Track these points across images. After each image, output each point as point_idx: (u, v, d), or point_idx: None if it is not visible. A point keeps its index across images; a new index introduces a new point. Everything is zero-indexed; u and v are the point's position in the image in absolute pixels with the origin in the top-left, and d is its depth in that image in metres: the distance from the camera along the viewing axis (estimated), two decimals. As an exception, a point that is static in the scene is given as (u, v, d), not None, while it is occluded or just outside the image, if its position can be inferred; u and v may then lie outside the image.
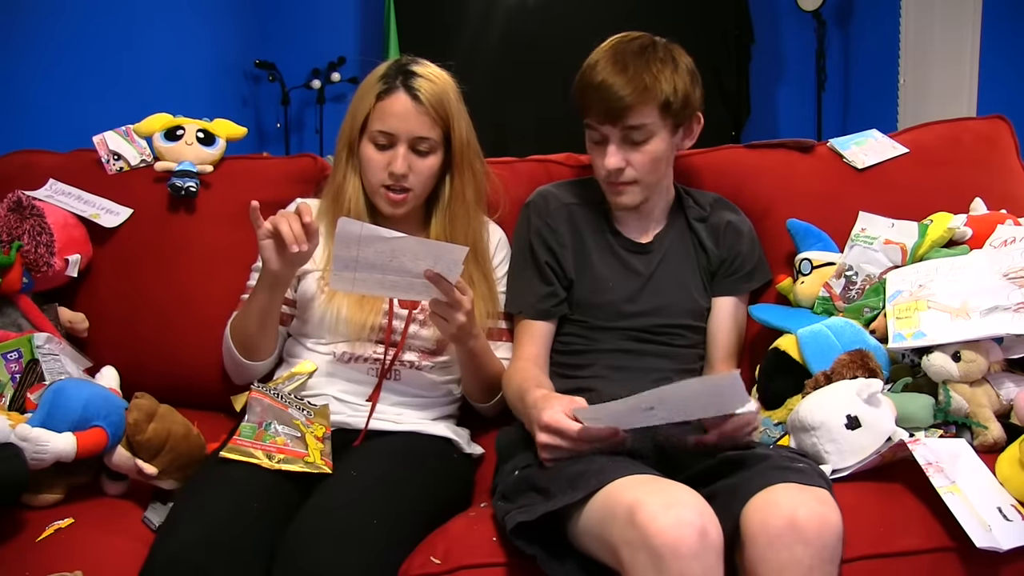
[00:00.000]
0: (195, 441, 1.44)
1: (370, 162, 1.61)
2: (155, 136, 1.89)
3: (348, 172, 1.65)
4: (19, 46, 2.52)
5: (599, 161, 1.58)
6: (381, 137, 1.59)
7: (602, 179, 1.61)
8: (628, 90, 1.49)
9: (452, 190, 1.67)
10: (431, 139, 1.60)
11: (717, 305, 1.70)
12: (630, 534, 1.10)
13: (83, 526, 1.31)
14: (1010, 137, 1.88)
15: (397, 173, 1.58)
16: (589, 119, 1.56)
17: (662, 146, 1.56)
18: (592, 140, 1.59)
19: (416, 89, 1.58)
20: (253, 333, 1.61)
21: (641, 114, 1.52)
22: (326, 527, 1.26)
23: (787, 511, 1.12)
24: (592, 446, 1.28)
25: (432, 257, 1.39)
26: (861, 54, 4.47)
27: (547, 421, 1.28)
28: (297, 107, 4.71)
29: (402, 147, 1.59)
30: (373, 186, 1.62)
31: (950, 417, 1.39)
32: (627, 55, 1.52)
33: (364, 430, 1.55)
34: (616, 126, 1.53)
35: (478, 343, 1.57)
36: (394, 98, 1.59)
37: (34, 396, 1.39)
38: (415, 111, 1.58)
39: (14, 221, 1.68)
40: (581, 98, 1.56)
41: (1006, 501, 1.23)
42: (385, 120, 1.58)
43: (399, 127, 1.58)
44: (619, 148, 1.55)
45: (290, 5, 4.71)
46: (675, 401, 1.25)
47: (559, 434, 1.28)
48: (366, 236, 1.36)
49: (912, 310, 1.46)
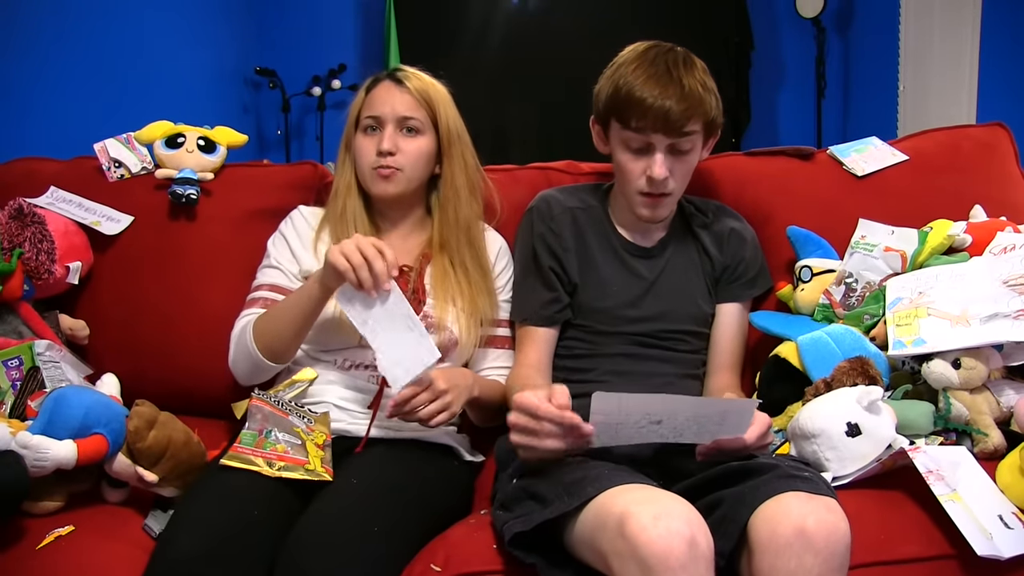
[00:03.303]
0: (196, 448, 1.44)
1: (360, 148, 1.67)
2: (156, 143, 1.90)
3: (345, 169, 1.71)
4: (20, 53, 2.53)
5: (636, 169, 1.56)
6: (370, 121, 1.66)
7: (636, 189, 1.58)
8: (686, 104, 1.49)
9: (442, 176, 1.71)
10: (416, 118, 1.66)
11: (720, 311, 1.70)
12: (619, 544, 1.10)
13: (83, 533, 1.31)
14: (1009, 144, 1.88)
15: (384, 149, 1.63)
16: (634, 129, 1.53)
17: (697, 157, 1.59)
18: (630, 148, 1.56)
19: (400, 78, 1.68)
20: (286, 336, 1.56)
21: (694, 124, 1.52)
22: (327, 535, 1.25)
23: (796, 520, 1.12)
24: (556, 438, 1.25)
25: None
26: (861, 61, 4.48)
27: (516, 399, 1.27)
28: (298, 114, 4.72)
29: (389, 127, 1.65)
30: (364, 171, 1.67)
31: (950, 424, 1.39)
32: (676, 67, 1.52)
33: (365, 438, 1.55)
34: (670, 135, 1.52)
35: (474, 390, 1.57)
36: (381, 86, 1.68)
37: (35, 403, 1.39)
38: (399, 93, 1.66)
39: (15, 228, 1.68)
40: (625, 107, 1.52)
41: (1007, 509, 1.23)
42: (372, 106, 1.67)
43: (384, 110, 1.65)
44: (665, 157, 1.54)
45: (291, 13, 4.72)
46: (685, 418, 1.26)
47: (528, 413, 1.26)
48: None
49: (912, 317, 1.46)
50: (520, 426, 1.27)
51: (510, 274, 1.74)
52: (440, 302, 1.63)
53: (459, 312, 1.63)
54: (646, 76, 1.51)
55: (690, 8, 4.38)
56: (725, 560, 1.16)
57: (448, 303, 1.64)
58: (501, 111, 4.25)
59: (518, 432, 1.28)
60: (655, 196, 1.57)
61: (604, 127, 1.61)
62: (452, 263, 1.67)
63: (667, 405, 1.25)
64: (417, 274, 1.67)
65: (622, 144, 1.57)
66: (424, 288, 1.66)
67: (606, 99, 1.57)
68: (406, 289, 1.64)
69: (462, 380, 1.55)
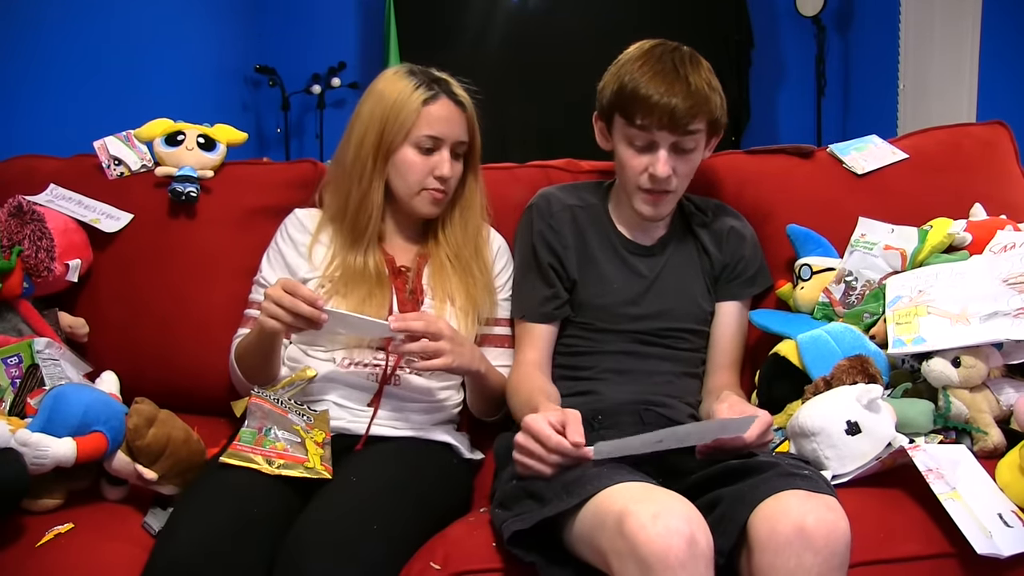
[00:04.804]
0: (195, 446, 1.44)
1: (413, 167, 1.61)
2: (156, 141, 1.89)
3: (375, 180, 1.63)
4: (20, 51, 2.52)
5: (639, 166, 1.56)
6: (428, 141, 1.60)
7: (638, 186, 1.58)
8: (692, 102, 1.49)
9: (467, 196, 1.71)
10: (467, 144, 1.66)
11: (720, 310, 1.70)
12: (619, 543, 1.10)
13: (83, 531, 1.31)
14: (1010, 143, 1.88)
15: (445, 176, 1.61)
16: (639, 126, 1.52)
17: (700, 156, 1.59)
18: (634, 145, 1.56)
19: (456, 95, 1.64)
20: (258, 366, 1.60)
21: (699, 122, 1.52)
22: (326, 533, 1.25)
23: (796, 518, 1.11)
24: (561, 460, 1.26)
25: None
26: (861, 59, 4.48)
27: (529, 423, 1.28)
28: (297, 112, 4.72)
29: (446, 151, 1.62)
30: (412, 189, 1.63)
31: (950, 423, 1.39)
32: (683, 65, 1.53)
33: (365, 435, 1.55)
34: (675, 133, 1.52)
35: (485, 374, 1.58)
36: (441, 103, 1.61)
37: (34, 401, 1.39)
38: (458, 116, 1.63)
39: (15, 226, 1.68)
40: (631, 103, 1.52)
41: (1007, 507, 1.23)
42: (433, 125, 1.60)
43: (446, 131, 1.61)
44: (669, 155, 1.54)
45: (290, 10, 4.72)
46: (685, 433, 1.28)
47: (536, 438, 1.27)
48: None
49: (912, 315, 1.46)
50: (527, 450, 1.28)
51: (510, 273, 1.74)
52: (438, 302, 1.64)
53: (456, 310, 1.63)
54: (652, 73, 1.51)
55: (690, 6, 4.38)
56: (725, 558, 1.16)
57: (445, 302, 1.64)
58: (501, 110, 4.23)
59: (524, 454, 1.28)
60: (657, 193, 1.57)
61: (608, 123, 1.61)
62: (450, 261, 1.67)
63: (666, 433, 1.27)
64: (415, 274, 1.67)
65: (625, 141, 1.57)
66: (422, 288, 1.66)
67: (611, 95, 1.57)
68: (403, 289, 1.64)
69: (469, 346, 1.57)
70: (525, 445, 1.28)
